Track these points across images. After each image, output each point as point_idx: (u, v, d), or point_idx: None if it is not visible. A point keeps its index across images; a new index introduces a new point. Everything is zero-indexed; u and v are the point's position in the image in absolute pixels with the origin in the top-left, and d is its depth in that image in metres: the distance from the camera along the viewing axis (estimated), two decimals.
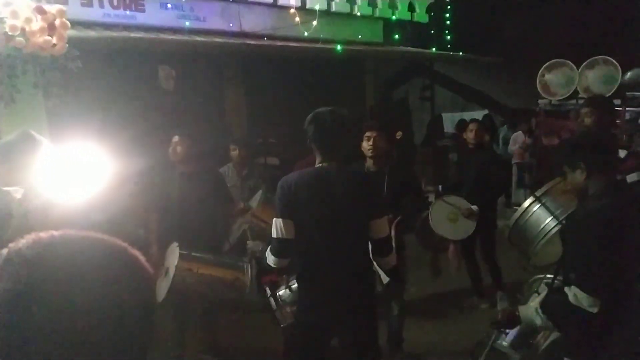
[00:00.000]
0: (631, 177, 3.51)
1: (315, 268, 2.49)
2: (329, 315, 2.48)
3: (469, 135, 4.68)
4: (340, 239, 2.43)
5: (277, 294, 2.83)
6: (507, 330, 2.28)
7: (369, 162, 3.70)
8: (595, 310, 1.94)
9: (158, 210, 3.80)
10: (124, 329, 0.70)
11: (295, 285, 2.77)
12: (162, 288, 3.26)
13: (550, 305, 2.10)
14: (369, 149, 3.64)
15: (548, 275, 2.46)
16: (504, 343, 2.31)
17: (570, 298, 1.99)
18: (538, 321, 2.11)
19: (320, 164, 2.48)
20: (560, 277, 2.21)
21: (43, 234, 0.70)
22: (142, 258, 0.77)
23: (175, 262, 3.16)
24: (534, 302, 2.24)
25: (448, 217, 4.24)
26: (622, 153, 3.60)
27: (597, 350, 2.04)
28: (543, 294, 2.25)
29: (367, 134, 3.64)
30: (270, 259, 2.49)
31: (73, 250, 0.69)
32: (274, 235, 2.46)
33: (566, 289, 2.04)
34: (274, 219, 2.47)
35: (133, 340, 0.72)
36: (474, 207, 4.30)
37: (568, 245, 2.17)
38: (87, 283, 0.67)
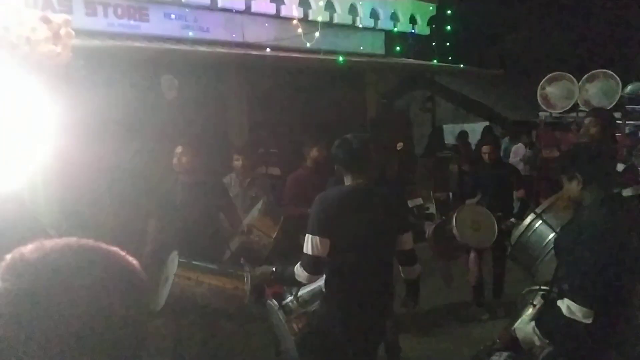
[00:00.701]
0: (626, 192, 3.52)
1: (348, 285, 2.55)
2: (358, 332, 2.56)
3: (486, 157, 4.90)
4: (374, 256, 2.56)
5: (286, 305, 2.82)
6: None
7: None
8: (589, 321, 1.94)
9: (157, 218, 3.80)
10: (115, 334, 0.72)
11: (302, 296, 2.78)
12: (162, 296, 3.26)
13: (545, 323, 2.10)
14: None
15: (543, 287, 2.45)
16: (502, 357, 2.29)
17: (564, 311, 1.99)
18: (536, 341, 2.10)
19: (354, 183, 2.62)
20: (554, 289, 2.21)
21: (46, 241, 0.74)
22: (137, 267, 0.80)
23: (175, 271, 3.16)
24: (528, 317, 2.24)
25: (472, 226, 4.27)
26: (620, 167, 3.62)
27: None
28: (538, 305, 2.24)
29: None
30: (303, 275, 2.53)
31: (71, 257, 0.73)
32: (308, 252, 2.49)
33: (559, 302, 2.04)
34: (309, 236, 2.51)
35: (124, 346, 0.74)
36: (513, 220, 4.46)
37: (561, 256, 2.17)
38: (80, 288, 0.70)
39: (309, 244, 2.48)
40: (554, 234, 2.94)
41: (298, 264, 2.55)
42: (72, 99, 3.77)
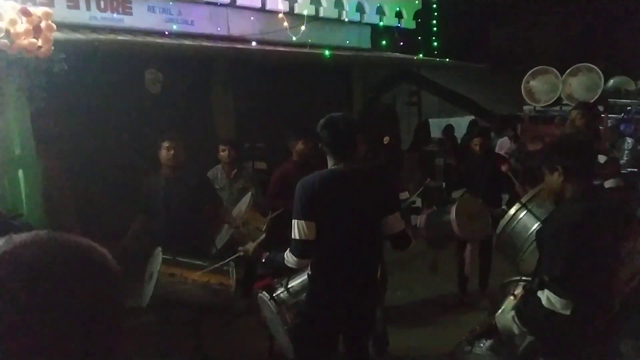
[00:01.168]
0: (609, 183, 3.57)
1: (333, 266, 2.58)
2: (344, 311, 2.59)
3: (477, 149, 4.95)
4: (359, 237, 2.56)
5: (277, 296, 2.83)
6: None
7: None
8: (568, 312, 1.96)
9: (142, 213, 3.78)
10: (84, 326, 0.73)
11: (293, 287, 2.80)
12: (146, 293, 3.24)
13: (525, 312, 2.12)
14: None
15: (524, 278, 2.48)
16: (484, 348, 2.32)
17: (544, 301, 2.01)
18: (515, 329, 2.12)
19: (335, 166, 2.59)
20: (536, 280, 2.23)
21: (15, 235, 0.75)
22: (109, 259, 0.80)
23: (159, 268, 3.14)
24: (509, 306, 2.26)
25: (468, 219, 4.31)
26: (601, 158, 3.67)
27: (572, 352, 2.06)
28: (519, 296, 2.26)
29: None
30: (292, 260, 2.54)
31: (39, 250, 0.74)
32: (295, 237, 2.51)
33: (539, 292, 2.06)
34: (294, 221, 2.52)
35: (95, 339, 0.74)
36: (504, 208, 4.48)
37: (542, 248, 2.19)
38: (46, 280, 0.71)
39: (295, 228, 2.50)
40: (538, 223, 2.97)
41: (287, 250, 2.57)
42: (53, 93, 3.73)
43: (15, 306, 0.69)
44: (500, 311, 2.25)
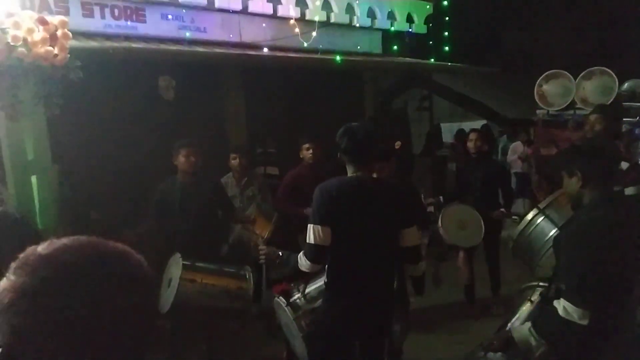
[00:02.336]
0: (629, 190, 3.50)
1: (348, 274, 2.58)
2: (359, 320, 2.58)
3: (471, 145, 4.73)
4: (375, 246, 2.55)
5: (293, 302, 2.82)
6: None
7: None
8: (585, 322, 1.90)
9: (152, 218, 3.82)
10: (119, 327, 0.76)
11: (310, 293, 2.80)
12: (166, 299, 3.26)
13: (541, 323, 2.07)
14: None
15: (541, 283, 2.45)
16: (497, 355, 2.29)
17: (560, 311, 1.96)
18: (532, 342, 2.07)
19: (355, 174, 2.61)
20: (553, 287, 2.19)
21: (58, 239, 0.79)
22: (143, 264, 0.83)
23: (179, 273, 3.16)
24: (525, 312, 2.23)
25: (458, 226, 4.28)
26: (624, 165, 3.59)
27: None
28: (536, 302, 2.24)
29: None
30: (305, 263, 2.55)
31: (81, 253, 0.77)
32: (310, 241, 2.52)
33: (555, 302, 2.01)
34: (310, 225, 2.53)
35: (129, 339, 0.77)
36: (502, 210, 4.47)
37: (560, 256, 2.14)
38: (88, 282, 0.74)
39: (311, 232, 2.51)
40: (556, 229, 2.94)
41: (301, 253, 2.58)
42: (69, 100, 3.77)
43: (55, 307, 0.72)
44: (515, 318, 2.23)
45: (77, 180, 4.96)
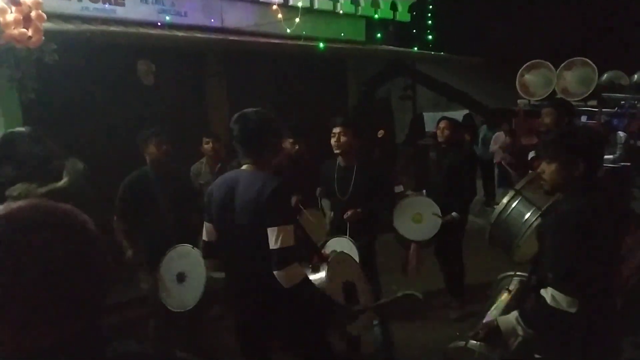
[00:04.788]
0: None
1: (228, 272, 2.56)
2: (241, 316, 2.55)
3: (439, 134, 4.65)
4: (243, 244, 2.40)
5: None
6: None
7: (339, 159, 3.73)
8: (574, 310, 1.91)
9: (123, 214, 3.72)
10: (66, 278, 0.91)
11: None
12: (185, 295, 3.17)
13: (529, 313, 2.07)
14: (334, 145, 3.64)
15: (518, 273, 2.46)
16: (479, 343, 2.30)
17: (548, 300, 1.96)
18: (519, 330, 2.07)
19: (242, 167, 2.48)
20: (534, 276, 2.19)
21: (14, 202, 0.96)
22: (89, 221, 0.99)
23: (204, 273, 3.08)
24: (502, 303, 2.23)
25: (412, 218, 4.24)
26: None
27: (572, 349, 2.03)
28: (514, 291, 2.24)
29: (333, 130, 3.63)
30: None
31: (31, 213, 0.94)
32: (202, 237, 2.55)
33: (542, 291, 2.01)
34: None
35: (78, 290, 0.93)
36: (454, 214, 4.35)
37: (545, 244, 2.12)
38: (36, 237, 0.91)
39: (203, 229, 2.54)
40: (532, 209, 2.96)
41: None
42: (44, 84, 3.68)
43: (13, 252, 0.88)
44: (494, 308, 2.23)
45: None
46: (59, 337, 0.90)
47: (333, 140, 3.61)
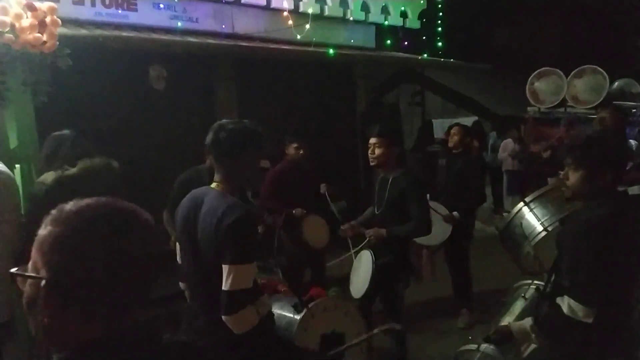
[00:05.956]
0: (632, 190, 3.48)
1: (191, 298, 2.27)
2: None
3: (452, 140, 4.65)
4: (202, 274, 2.10)
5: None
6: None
7: (379, 170, 3.51)
8: (589, 320, 1.88)
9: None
10: (128, 269, 0.97)
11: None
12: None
13: (544, 321, 2.04)
14: (370, 158, 3.40)
15: (535, 282, 2.45)
16: (491, 347, 2.29)
17: (565, 309, 1.93)
18: (533, 338, 2.04)
19: (213, 184, 2.17)
20: (551, 284, 2.16)
21: (83, 200, 1.01)
22: (149, 218, 1.04)
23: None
24: (519, 308, 2.21)
25: None
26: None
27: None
28: (530, 299, 2.23)
29: (370, 140, 3.41)
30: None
31: (99, 210, 1.00)
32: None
33: (559, 299, 1.98)
34: None
35: (138, 280, 0.99)
36: (455, 214, 4.32)
37: (563, 253, 2.08)
38: (104, 232, 0.97)
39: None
40: (540, 223, 2.99)
41: None
42: (58, 88, 3.72)
43: (83, 249, 0.94)
44: (509, 312, 2.22)
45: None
46: (117, 329, 0.96)
47: (369, 152, 3.38)
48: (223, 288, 1.96)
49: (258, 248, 2.59)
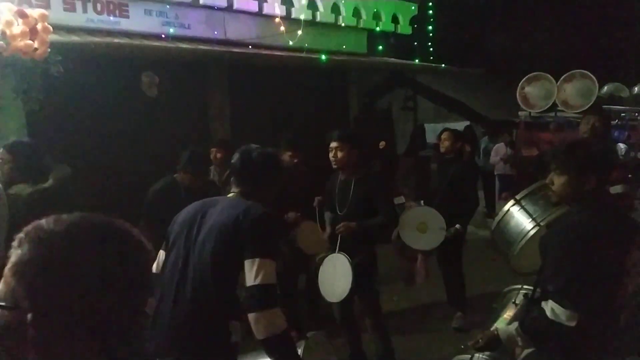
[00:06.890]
0: (614, 189, 3.53)
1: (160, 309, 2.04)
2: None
3: (443, 145, 4.65)
4: (197, 276, 1.99)
5: None
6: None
7: (340, 173, 3.65)
8: (573, 324, 1.89)
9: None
10: (116, 292, 0.87)
11: None
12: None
13: (529, 324, 2.05)
14: (332, 161, 3.55)
15: (525, 286, 2.45)
16: (483, 356, 2.29)
17: (548, 313, 1.94)
18: (519, 341, 2.05)
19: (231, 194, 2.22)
20: (538, 289, 2.18)
21: (64, 215, 0.90)
22: (138, 236, 0.94)
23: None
24: (509, 315, 2.21)
25: (417, 228, 4.23)
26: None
27: None
28: (520, 305, 2.22)
29: (330, 145, 3.54)
30: None
31: (85, 228, 0.89)
32: None
33: (543, 303, 1.99)
34: None
35: (128, 302, 0.89)
36: (458, 227, 4.34)
37: (547, 257, 2.09)
38: (89, 254, 0.86)
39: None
40: (530, 220, 3.00)
41: None
42: (49, 95, 3.71)
43: (63, 273, 0.83)
44: (500, 320, 2.21)
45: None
46: (108, 346, 0.87)
47: (331, 156, 3.54)
48: (252, 283, 1.87)
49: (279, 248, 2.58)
